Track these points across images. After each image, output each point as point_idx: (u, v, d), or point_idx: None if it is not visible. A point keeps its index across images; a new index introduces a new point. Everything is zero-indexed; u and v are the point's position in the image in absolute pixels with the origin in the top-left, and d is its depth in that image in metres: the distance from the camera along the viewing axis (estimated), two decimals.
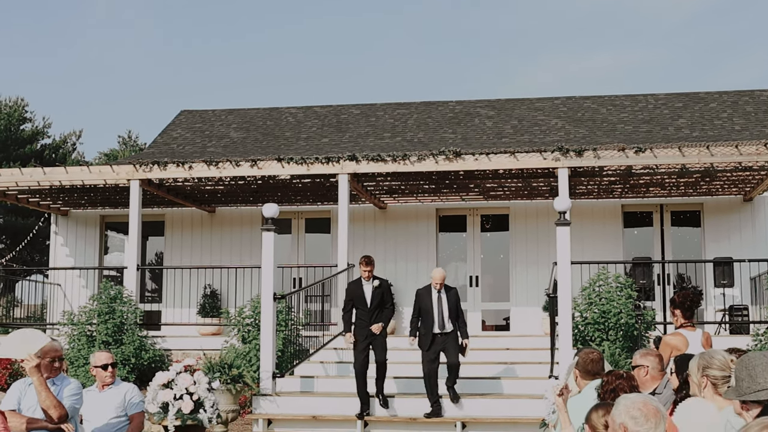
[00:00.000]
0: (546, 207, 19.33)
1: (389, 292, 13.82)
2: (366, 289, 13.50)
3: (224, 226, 21.16)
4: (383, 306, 13.54)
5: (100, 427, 8.74)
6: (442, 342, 13.15)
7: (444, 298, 13.27)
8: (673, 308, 9.04)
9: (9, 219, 41.02)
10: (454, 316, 13.26)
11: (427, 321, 13.19)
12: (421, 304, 13.39)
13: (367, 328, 13.25)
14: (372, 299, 13.45)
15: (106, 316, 16.22)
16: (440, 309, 13.20)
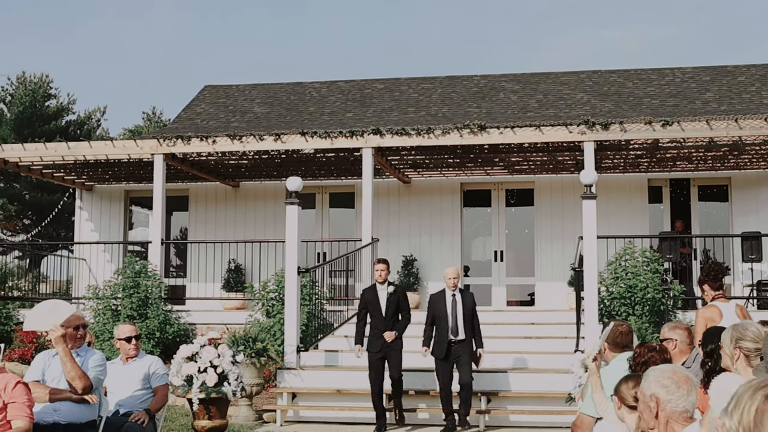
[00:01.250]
0: (571, 181, 19.18)
1: (405, 298, 12.77)
2: (381, 296, 12.50)
3: (248, 200, 21.14)
4: (399, 313, 12.53)
5: (125, 399, 8.75)
6: (457, 352, 12.09)
7: (459, 301, 12.24)
8: (701, 284, 8.94)
9: (34, 195, 41.21)
10: (469, 321, 12.20)
11: (442, 327, 12.17)
12: (435, 310, 12.32)
13: (381, 338, 12.27)
14: (387, 306, 12.43)
15: (130, 291, 16.26)
16: (455, 313, 12.17)
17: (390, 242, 19.43)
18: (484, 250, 20.67)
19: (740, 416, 2.86)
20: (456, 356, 12.04)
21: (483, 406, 12.75)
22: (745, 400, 2.89)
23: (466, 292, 12.60)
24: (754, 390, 2.90)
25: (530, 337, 15.09)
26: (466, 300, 12.27)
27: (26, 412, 6.73)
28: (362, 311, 12.68)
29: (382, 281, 12.48)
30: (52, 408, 7.43)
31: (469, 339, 12.12)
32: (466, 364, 12.00)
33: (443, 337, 12.06)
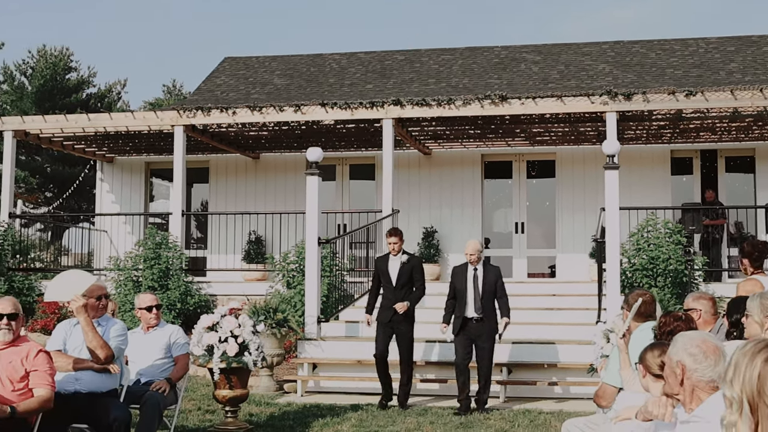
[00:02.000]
0: (593, 152, 19.06)
1: (420, 269, 12.04)
2: (392, 265, 11.96)
3: (268, 172, 21.13)
4: (411, 284, 11.93)
5: (146, 368, 8.78)
6: (476, 331, 11.42)
7: (480, 276, 11.50)
8: (742, 257, 8.85)
9: (56, 168, 41.39)
10: (490, 299, 11.47)
11: (461, 303, 11.51)
12: (456, 284, 11.64)
13: (391, 309, 11.76)
14: (399, 276, 11.86)
15: (151, 262, 16.29)
16: (475, 289, 11.45)
17: (410, 214, 19.39)
18: (505, 221, 20.60)
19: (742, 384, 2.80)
20: (476, 335, 11.41)
21: (504, 377, 12.72)
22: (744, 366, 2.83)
23: (491, 267, 11.80)
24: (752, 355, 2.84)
25: (551, 308, 15.04)
26: (488, 276, 11.49)
27: (48, 381, 6.75)
28: (374, 280, 12.24)
29: (396, 254, 11.99)
30: (74, 377, 7.45)
31: (490, 318, 11.42)
32: (485, 346, 11.40)
33: (462, 313, 11.46)
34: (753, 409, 2.77)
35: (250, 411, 11.27)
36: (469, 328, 11.41)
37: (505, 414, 11.25)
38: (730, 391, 2.79)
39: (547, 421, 10.73)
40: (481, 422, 10.69)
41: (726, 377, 2.83)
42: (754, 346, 2.87)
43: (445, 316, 11.60)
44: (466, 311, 11.42)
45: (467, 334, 11.41)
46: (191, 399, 12.12)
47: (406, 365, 11.74)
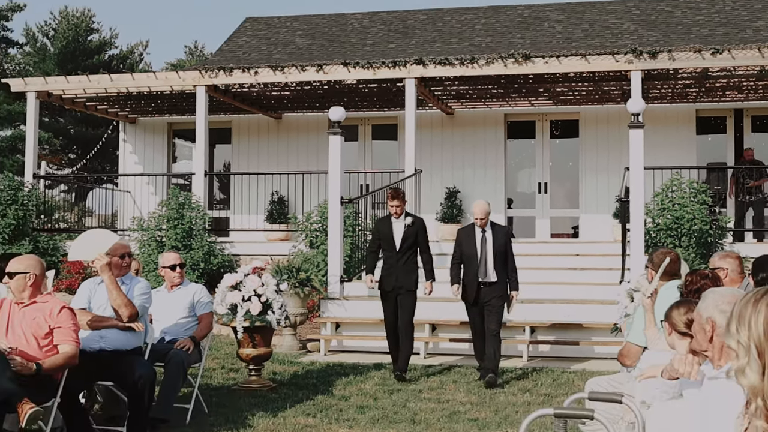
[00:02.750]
0: (617, 112, 18.89)
1: (424, 232, 11.24)
2: (395, 228, 11.08)
3: (291, 132, 21.09)
4: (416, 249, 11.13)
5: (170, 326, 8.82)
6: (487, 295, 10.68)
7: (489, 239, 10.72)
8: None
9: (79, 129, 41.53)
10: (501, 261, 10.70)
11: (470, 268, 10.74)
12: (463, 248, 10.86)
13: (393, 275, 10.98)
14: (402, 240, 11.02)
15: (174, 222, 16.33)
16: (484, 252, 10.68)
17: (433, 174, 19.34)
18: (528, 182, 20.51)
19: (748, 331, 2.86)
20: (486, 300, 10.66)
21: (527, 337, 12.72)
22: (749, 313, 2.89)
23: (500, 228, 11.03)
24: (755, 302, 2.90)
25: (575, 268, 15.00)
26: (497, 238, 10.74)
27: (72, 337, 6.79)
28: (374, 243, 11.41)
29: (398, 217, 11.08)
30: (98, 335, 7.49)
31: (502, 280, 10.69)
32: (494, 310, 10.63)
33: (471, 279, 10.69)
34: (760, 353, 2.84)
35: (273, 369, 11.34)
36: (481, 293, 10.69)
37: (529, 373, 11.26)
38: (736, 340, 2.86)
39: (570, 380, 10.74)
40: (503, 381, 10.70)
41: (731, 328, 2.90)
42: (754, 294, 2.95)
43: (454, 278, 10.89)
44: (476, 276, 10.69)
45: (478, 300, 10.72)
46: (215, 357, 12.20)
47: (405, 332, 10.99)
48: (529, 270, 14.83)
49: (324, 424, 8.33)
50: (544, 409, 4.21)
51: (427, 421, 8.49)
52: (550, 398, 9.67)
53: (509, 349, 12.62)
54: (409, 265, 11.04)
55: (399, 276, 10.94)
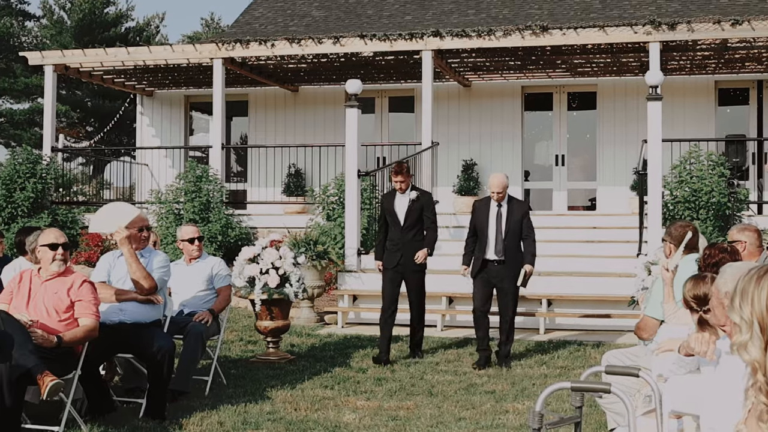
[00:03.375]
0: (635, 84, 18.78)
1: (431, 207, 10.48)
2: (399, 203, 10.39)
3: (308, 105, 21.08)
4: (422, 226, 10.43)
5: (188, 299, 8.88)
6: (497, 275, 10.01)
7: (504, 214, 10.03)
8: None
9: (96, 102, 41.58)
10: (515, 239, 10.03)
11: (481, 242, 10.08)
12: (477, 221, 10.18)
13: (398, 252, 10.34)
14: (406, 216, 10.32)
15: (192, 195, 16.39)
16: (498, 228, 10.00)
17: (450, 146, 19.31)
18: (545, 154, 20.45)
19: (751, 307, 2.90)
20: (497, 279, 10.02)
21: (544, 310, 12.74)
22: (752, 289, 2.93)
23: (517, 203, 10.26)
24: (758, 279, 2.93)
25: (592, 241, 14.99)
26: (513, 213, 10.03)
27: (92, 311, 6.85)
28: (381, 220, 10.79)
29: (403, 192, 10.38)
30: (118, 308, 7.55)
31: (514, 260, 9.98)
32: (509, 294, 10.02)
33: (482, 255, 10.05)
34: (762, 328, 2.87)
35: (291, 342, 11.41)
36: (490, 271, 10.02)
37: (545, 346, 11.29)
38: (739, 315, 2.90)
39: (587, 353, 10.76)
40: (519, 354, 10.73)
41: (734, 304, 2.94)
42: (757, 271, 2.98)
43: (465, 257, 10.26)
44: (486, 252, 10.02)
45: (487, 278, 10.05)
46: (233, 330, 12.28)
47: (417, 314, 10.51)
48: (546, 243, 14.81)
49: (341, 396, 8.39)
50: (561, 382, 4.23)
51: (444, 393, 8.54)
52: (567, 371, 9.70)
53: (526, 322, 12.65)
54: (415, 242, 10.37)
55: (404, 253, 10.29)
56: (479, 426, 7.20)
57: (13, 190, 17.00)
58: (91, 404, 7.42)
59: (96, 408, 7.39)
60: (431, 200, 10.64)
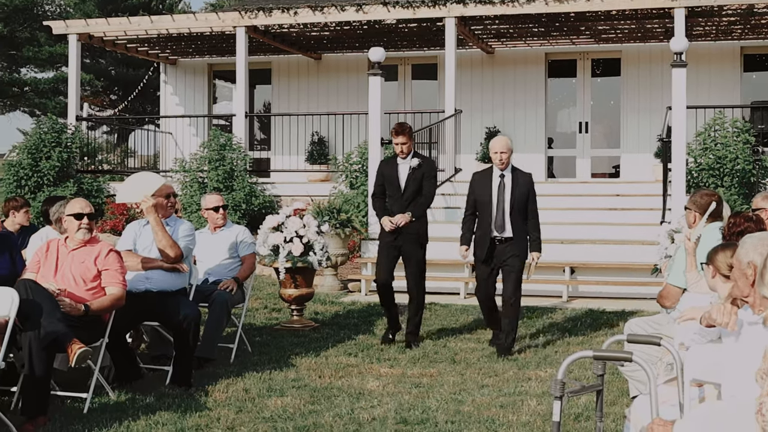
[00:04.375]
0: (660, 50, 18.64)
1: (431, 176, 9.50)
2: (401, 170, 9.41)
3: (330, 72, 21.05)
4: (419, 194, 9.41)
5: (213, 267, 8.95)
6: (502, 254, 8.99)
7: (508, 185, 9.03)
8: None
9: (120, 70, 41.68)
10: (521, 214, 9.01)
11: (484, 219, 9.05)
12: (477, 194, 9.16)
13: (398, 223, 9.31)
14: (407, 184, 9.36)
15: (216, 163, 16.46)
16: (501, 201, 8.99)
17: (473, 114, 19.26)
18: (568, 121, 20.37)
19: None
20: (501, 260, 9.00)
21: (566, 277, 12.76)
22: None
23: (522, 174, 9.20)
24: None
25: (615, 208, 14.95)
26: (518, 184, 9.05)
27: (119, 279, 6.93)
28: (378, 188, 9.67)
29: (404, 156, 9.43)
30: (144, 276, 7.63)
31: (520, 237, 9.02)
32: (512, 274, 8.96)
33: (484, 232, 9.02)
34: None
35: (315, 309, 11.49)
36: (494, 251, 9.02)
37: (568, 313, 11.32)
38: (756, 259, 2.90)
39: (610, 321, 10.78)
40: (542, 321, 10.77)
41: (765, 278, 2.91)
42: None
43: (464, 236, 9.28)
44: (489, 230, 9.01)
45: (491, 259, 9.04)
46: (257, 298, 12.37)
47: (414, 293, 9.50)
48: (569, 210, 14.85)
49: (365, 363, 8.46)
50: (584, 351, 4.26)
51: (467, 360, 8.60)
52: (589, 338, 9.74)
53: (549, 290, 12.69)
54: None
55: (403, 227, 9.31)
56: (502, 393, 7.26)
57: (39, 159, 17.14)
58: (118, 371, 7.54)
59: (123, 375, 7.51)
60: (433, 168, 9.64)
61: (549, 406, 6.73)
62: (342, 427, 6.29)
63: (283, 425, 6.32)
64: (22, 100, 41.64)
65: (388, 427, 6.30)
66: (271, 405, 6.88)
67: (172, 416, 6.52)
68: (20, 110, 43.46)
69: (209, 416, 6.55)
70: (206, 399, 7.06)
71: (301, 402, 6.97)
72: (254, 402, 6.97)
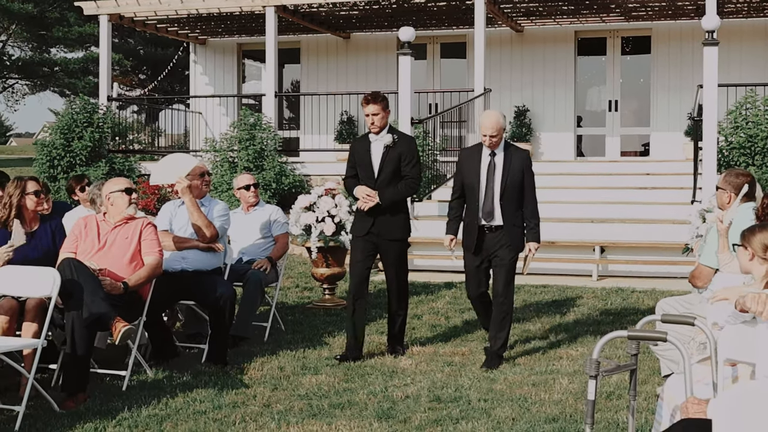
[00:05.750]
0: (691, 27, 18.52)
1: (413, 155, 7.93)
2: (374, 149, 7.92)
3: (359, 52, 21.07)
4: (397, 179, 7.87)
5: (247, 247, 9.06)
6: (492, 244, 7.71)
7: (499, 165, 7.66)
8: None
9: (148, 50, 41.85)
10: (514, 198, 7.67)
11: (470, 203, 7.79)
12: (465, 176, 7.85)
13: (372, 216, 7.86)
14: (382, 165, 7.86)
15: (246, 143, 16.56)
16: (490, 184, 7.66)
17: (502, 93, 19.22)
18: (598, 99, 20.30)
19: None
20: (491, 251, 7.73)
21: (596, 256, 12.78)
22: None
23: (517, 152, 7.80)
24: None
25: (645, 187, 14.93)
26: (511, 164, 7.67)
27: (156, 248, 7.06)
28: (350, 170, 8.15)
29: (377, 131, 7.91)
30: (180, 256, 7.75)
31: (513, 226, 7.71)
32: (502, 269, 7.70)
33: (472, 220, 7.79)
34: None
35: (346, 288, 11.51)
36: (483, 241, 7.75)
37: (598, 293, 11.35)
38: None
39: (640, 300, 10.81)
40: (572, 301, 10.81)
41: None
42: None
43: (450, 224, 8.03)
44: (477, 216, 7.76)
45: (480, 251, 7.78)
46: (290, 277, 12.48)
47: (395, 296, 8.11)
48: (598, 189, 14.85)
49: None
50: (618, 331, 4.31)
51: None
52: (620, 317, 9.77)
53: (579, 269, 12.71)
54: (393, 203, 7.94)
55: (378, 217, 7.86)
56: (534, 372, 7.32)
57: (71, 140, 17.32)
58: (155, 349, 7.67)
59: (159, 353, 7.64)
60: (412, 147, 8.03)
61: (580, 385, 6.80)
62: (376, 404, 6.38)
63: (318, 402, 6.42)
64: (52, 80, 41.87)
65: (422, 404, 6.39)
66: (305, 383, 6.99)
67: (209, 393, 6.64)
68: (50, 90, 43.75)
69: (245, 394, 6.67)
70: (242, 377, 7.17)
71: (335, 380, 7.08)
72: (289, 380, 7.08)
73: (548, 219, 13.58)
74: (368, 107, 7.89)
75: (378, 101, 7.88)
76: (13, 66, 40.51)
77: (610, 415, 6.06)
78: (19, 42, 41.30)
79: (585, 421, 4.25)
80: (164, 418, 6.05)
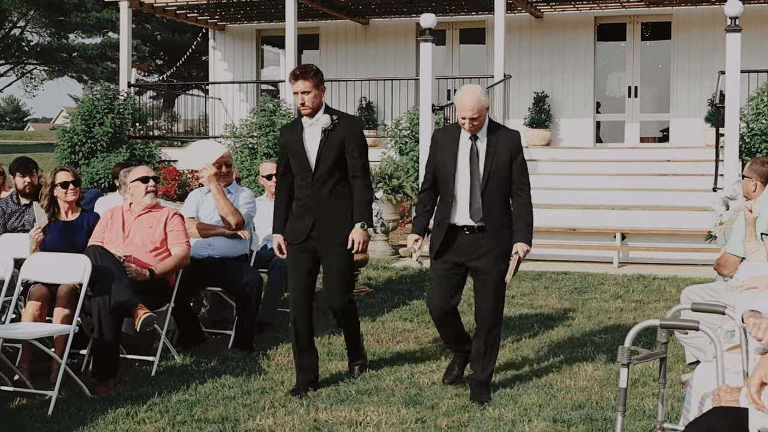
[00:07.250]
0: (712, 13, 18.45)
1: (358, 140, 6.50)
2: (308, 135, 6.45)
3: (378, 38, 21.07)
4: (343, 173, 6.46)
5: (272, 234, 9.08)
6: (471, 251, 6.17)
7: (482, 151, 6.10)
8: None
9: (166, 35, 41.95)
10: (499, 192, 6.13)
11: (445, 197, 6.22)
12: (438, 162, 6.26)
13: (308, 216, 6.44)
14: (320, 154, 6.40)
15: (266, 129, 16.61)
16: (474, 174, 6.10)
17: (521, 79, 19.20)
18: (617, 85, 20.24)
19: None
20: (470, 258, 6.19)
21: (617, 243, 12.80)
22: None
23: (505, 134, 6.22)
24: None
25: (665, 174, 14.91)
26: (496, 150, 6.12)
27: (183, 239, 7.14)
28: (282, 167, 6.63)
29: (309, 112, 6.41)
30: (207, 243, 7.81)
31: (499, 226, 6.16)
32: (489, 284, 6.17)
33: (444, 217, 6.24)
34: None
35: (368, 275, 11.62)
36: (459, 246, 6.21)
37: (620, 279, 11.37)
38: None
39: (662, 287, 10.82)
40: (594, 288, 10.84)
41: None
42: None
43: (417, 221, 6.43)
44: (453, 214, 6.22)
45: (453, 258, 6.25)
46: None
47: (341, 313, 6.78)
48: (618, 176, 14.85)
49: (421, 328, 8.59)
50: (651, 320, 4.35)
51: (521, 326, 8.70)
52: (642, 305, 9.79)
53: (599, 256, 12.72)
54: (335, 199, 6.46)
55: (318, 218, 6.43)
56: (558, 359, 7.36)
57: (92, 126, 17.42)
58: (182, 335, 7.75)
59: (187, 339, 7.71)
60: (357, 129, 6.60)
61: (605, 372, 6.84)
62: (403, 391, 6.43)
63: (346, 388, 6.48)
64: (71, 66, 42.09)
65: (449, 391, 6.44)
66: (332, 369, 7.05)
67: (237, 379, 6.70)
68: (68, 75, 43.95)
69: (273, 380, 6.73)
70: (269, 363, 7.24)
71: None
72: None
73: (568, 206, 13.64)
74: (297, 84, 6.34)
75: (309, 76, 6.33)
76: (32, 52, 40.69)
77: (636, 402, 6.10)
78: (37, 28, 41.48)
79: (617, 409, 4.29)
80: (194, 404, 6.12)
